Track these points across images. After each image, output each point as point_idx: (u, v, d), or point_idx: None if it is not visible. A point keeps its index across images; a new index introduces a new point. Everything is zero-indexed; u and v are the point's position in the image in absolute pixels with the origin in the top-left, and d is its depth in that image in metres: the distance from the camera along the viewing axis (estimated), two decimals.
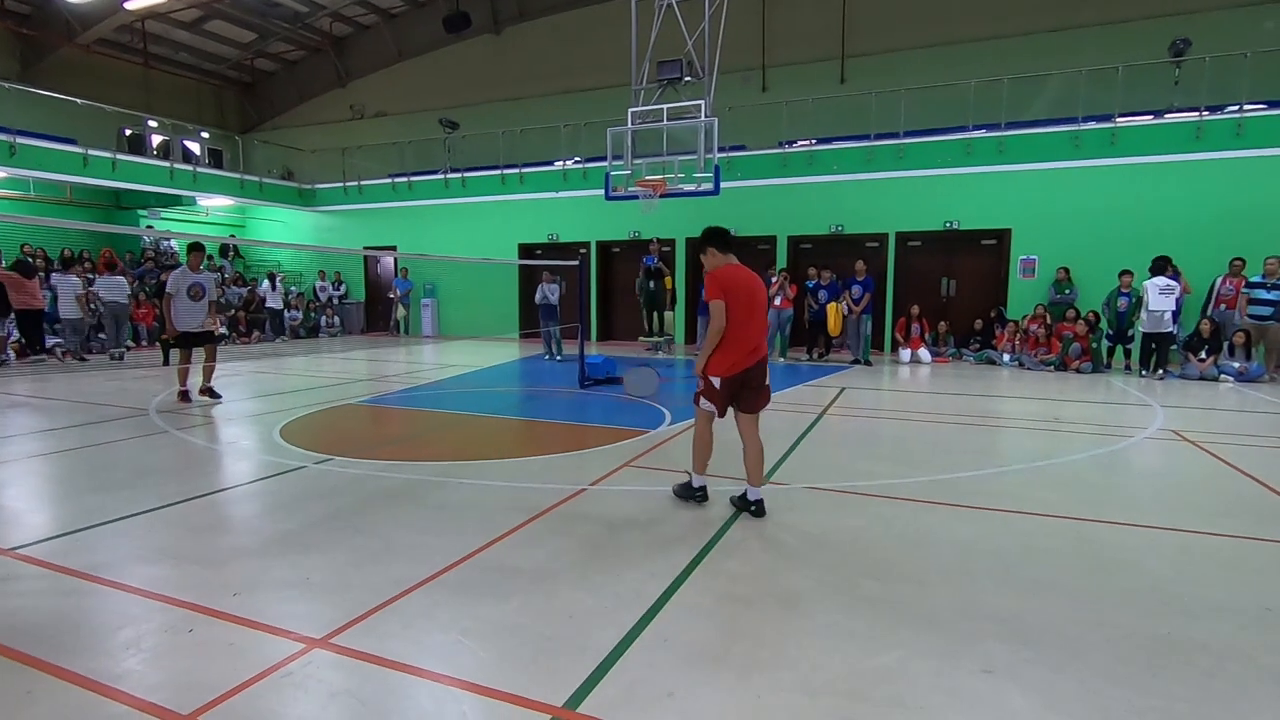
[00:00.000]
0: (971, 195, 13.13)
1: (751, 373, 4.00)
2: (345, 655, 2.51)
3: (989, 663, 2.48)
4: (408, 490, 4.56)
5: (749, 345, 3.97)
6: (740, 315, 3.92)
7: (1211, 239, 11.25)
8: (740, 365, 3.97)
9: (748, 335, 3.96)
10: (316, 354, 13.90)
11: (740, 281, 3.98)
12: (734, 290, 3.92)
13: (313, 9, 19.43)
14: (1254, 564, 3.42)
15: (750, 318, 3.96)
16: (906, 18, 15.48)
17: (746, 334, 3.96)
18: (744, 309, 3.93)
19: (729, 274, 3.99)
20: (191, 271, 7.69)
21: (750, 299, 3.97)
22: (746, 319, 3.94)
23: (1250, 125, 11.40)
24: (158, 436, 6.17)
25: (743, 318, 3.93)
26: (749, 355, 3.98)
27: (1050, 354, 11.13)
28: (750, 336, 3.97)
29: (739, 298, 3.92)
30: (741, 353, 3.96)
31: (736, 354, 3.96)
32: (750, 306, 3.97)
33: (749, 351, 3.97)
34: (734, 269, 4.04)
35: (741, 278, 4.00)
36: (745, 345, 3.96)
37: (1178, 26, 12.77)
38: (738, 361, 3.96)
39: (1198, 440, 6.04)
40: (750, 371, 3.99)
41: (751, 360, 3.98)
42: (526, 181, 16.90)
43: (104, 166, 14.97)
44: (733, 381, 3.99)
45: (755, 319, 4.00)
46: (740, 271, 4.04)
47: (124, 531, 3.79)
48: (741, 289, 3.95)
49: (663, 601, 2.94)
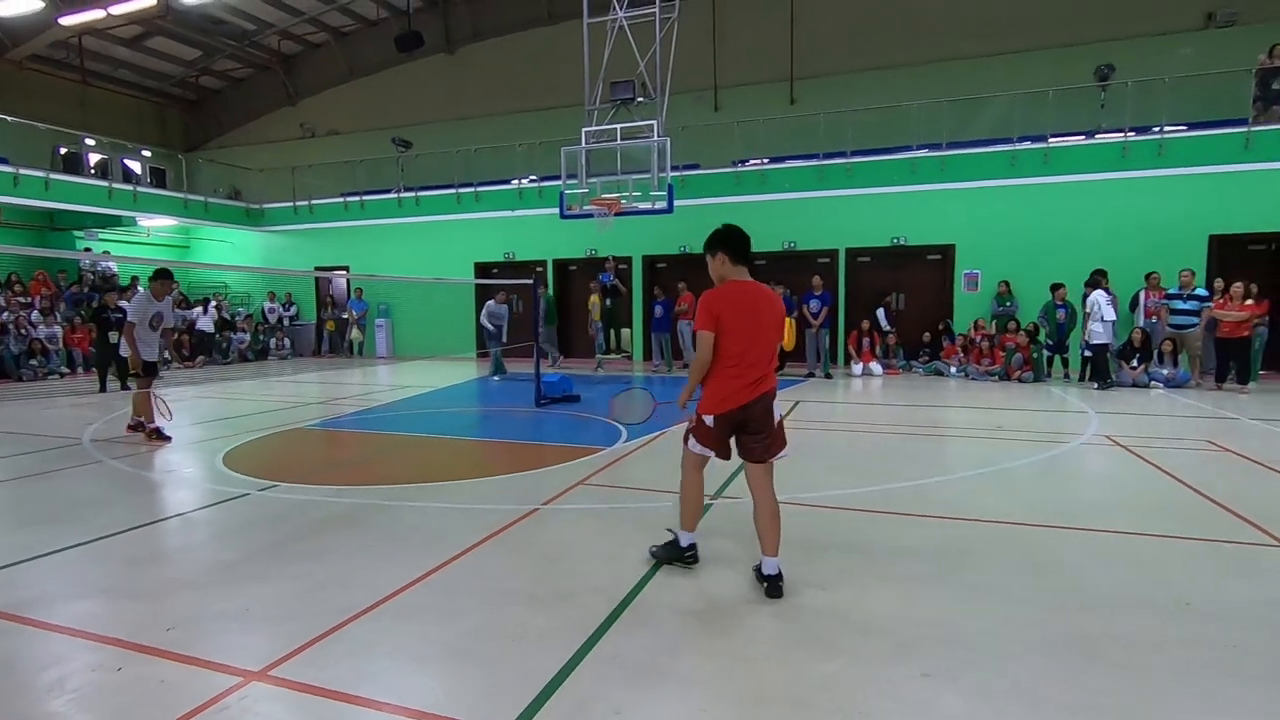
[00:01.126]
0: (917, 212, 13.58)
1: (752, 410, 3.23)
2: (285, 687, 2.45)
3: (928, 666, 2.55)
4: (356, 515, 4.47)
5: (748, 376, 3.21)
6: (738, 344, 3.19)
7: (1136, 252, 11.85)
8: (735, 400, 3.21)
9: (747, 363, 3.21)
10: (265, 377, 13.53)
11: (741, 302, 3.23)
12: (731, 313, 3.20)
13: (260, 27, 19.14)
14: (1176, 561, 3.60)
15: (752, 343, 3.20)
16: (852, 42, 16.03)
17: (745, 361, 3.20)
18: (743, 334, 3.19)
19: (728, 295, 3.24)
20: (154, 299, 7.19)
21: (753, 320, 3.21)
22: (747, 346, 3.19)
23: (1170, 146, 12.09)
24: (92, 466, 5.92)
25: (741, 345, 3.19)
26: (748, 388, 3.21)
27: (994, 365, 11.53)
28: (751, 364, 3.21)
29: (738, 320, 3.19)
30: (738, 384, 3.21)
31: (731, 385, 3.21)
32: (753, 330, 3.21)
33: (748, 383, 3.21)
34: (736, 287, 3.27)
35: (744, 296, 3.25)
36: (743, 375, 3.20)
37: (1103, 53, 13.50)
38: (731, 395, 3.21)
39: (1129, 445, 6.33)
40: (750, 408, 3.23)
41: (751, 394, 3.21)
42: (482, 200, 16.84)
43: (36, 186, 14.39)
44: (728, 420, 3.26)
45: (759, 344, 3.22)
46: (745, 289, 3.27)
47: (53, 567, 3.63)
48: (742, 311, 3.21)
49: (612, 619, 2.95)
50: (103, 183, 15.85)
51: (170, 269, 7.47)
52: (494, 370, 12.41)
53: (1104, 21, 14.38)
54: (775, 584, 3.19)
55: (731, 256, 3.31)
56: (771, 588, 3.18)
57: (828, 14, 16.21)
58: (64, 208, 15.46)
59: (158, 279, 7.22)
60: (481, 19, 19.03)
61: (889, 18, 15.84)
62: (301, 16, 18.89)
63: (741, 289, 3.27)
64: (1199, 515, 4.32)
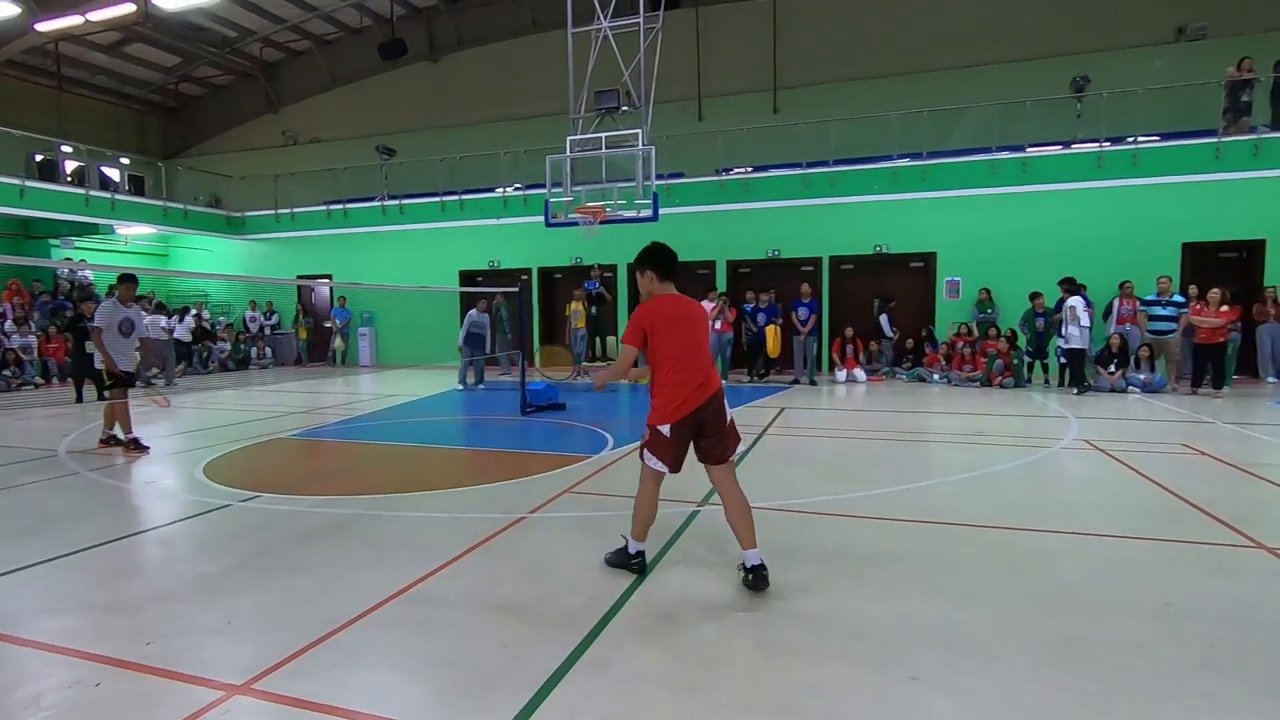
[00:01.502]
0: (899, 221, 13.74)
1: (706, 411, 3.32)
2: (268, 700, 2.41)
3: (916, 669, 2.57)
4: (340, 526, 4.42)
5: (695, 378, 3.32)
6: (675, 347, 3.33)
7: (1111, 259, 12.08)
8: (691, 403, 3.29)
9: (693, 367, 3.33)
10: (246, 386, 13.36)
11: (670, 313, 3.39)
12: (661, 324, 3.35)
13: (242, 34, 19.01)
14: (1155, 563, 3.65)
15: (689, 348, 3.35)
16: (834, 52, 16.26)
17: (689, 365, 3.33)
18: (679, 338, 3.34)
19: (656, 307, 3.41)
20: (121, 305, 7.04)
21: (686, 326, 3.38)
22: (683, 350, 3.33)
23: (1144, 155, 12.36)
24: (68, 478, 5.80)
25: (677, 349, 3.33)
26: (698, 390, 3.31)
27: (976, 371, 11.66)
28: (697, 367, 3.34)
29: (672, 328, 3.35)
30: (689, 388, 3.30)
31: (683, 391, 3.29)
32: (687, 335, 3.37)
33: (698, 385, 3.31)
34: (665, 300, 3.45)
35: (672, 307, 3.42)
36: (691, 379, 3.31)
37: (1078, 64, 13.80)
38: (687, 399, 3.29)
39: (1107, 449, 6.43)
40: (704, 409, 3.31)
41: (703, 396, 3.31)
42: (466, 208, 16.81)
43: (10, 193, 14.15)
44: (685, 426, 3.32)
45: (694, 348, 3.37)
46: (673, 300, 3.46)
47: (27, 581, 3.55)
48: (675, 320, 3.37)
49: (601, 626, 2.94)
50: (79, 190, 15.61)
51: (134, 274, 7.39)
52: (477, 379, 12.36)
53: (1079, 34, 14.71)
54: (759, 573, 3.24)
55: (658, 274, 3.51)
56: (755, 578, 3.23)
57: (810, 25, 16.43)
58: (39, 215, 15.22)
59: (122, 283, 7.15)
60: (465, 27, 19.06)
61: (871, 30, 16.09)
62: (284, 24, 18.79)
63: (670, 300, 3.46)
64: (1177, 517, 4.39)
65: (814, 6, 16.45)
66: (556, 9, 14.87)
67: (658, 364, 3.37)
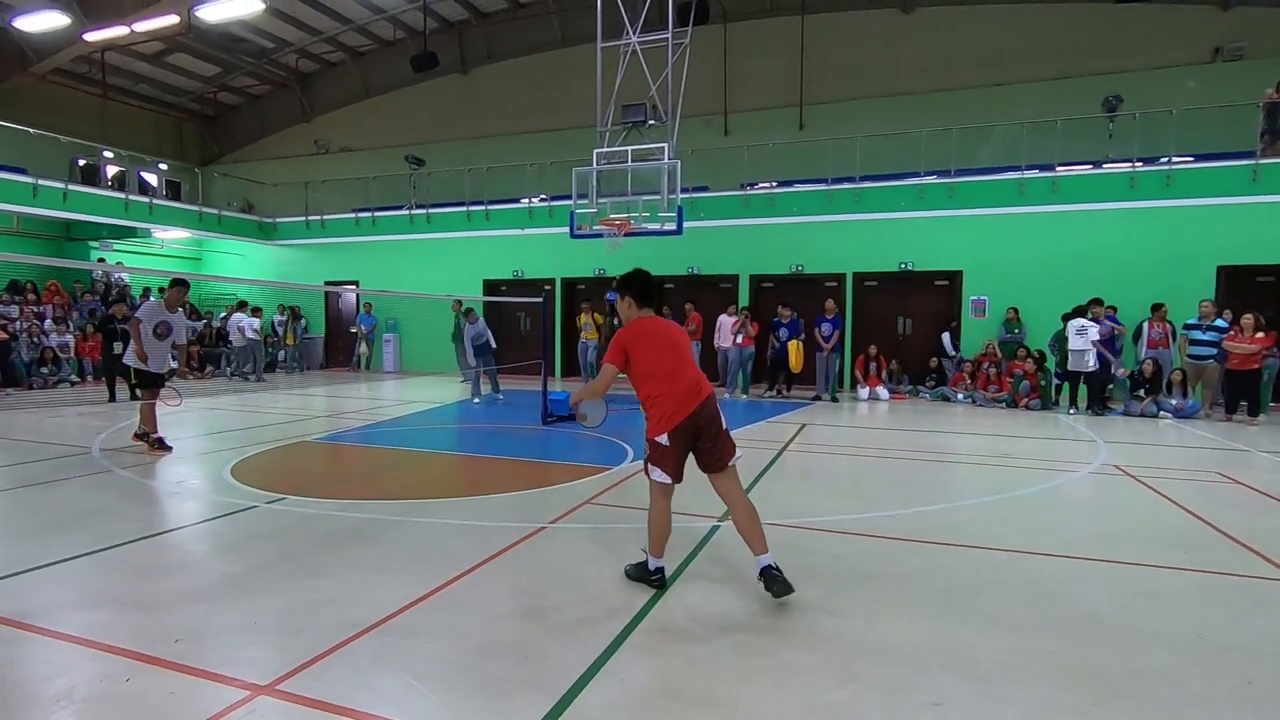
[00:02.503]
0: (925, 238, 13.63)
1: (700, 416, 3.37)
2: (292, 702, 2.44)
3: (938, 695, 2.53)
4: (363, 530, 4.47)
5: (683, 385, 3.38)
6: (658, 362, 3.41)
7: (1144, 282, 11.86)
8: (684, 409, 3.34)
9: (679, 375, 3.40)
10: (274, 390, 13.58)
11: (650, 331, 3.50)
12: (642, 341, 3.46)
13: (279, 45, 19.50)
14: (1188, 593, 3.56)
15: (672, 360, 3.44)
16: (861, 70, 16.24)
17: (675, 374, 3.40)
18: (662, 353, 3.43)
19: (637, 328, 3.52)
20: (165, 308, 7.07)
21: (667, 341, 3.49)
22: (667, 363, 3.42)
23: (1178, 176, 12.14)
24: (101, 476, 5.94)
25: (661, 363, 3.41)
26: (690, 395, 3.37)
27: (1001, 391, 11.49)
28: (683, 376, 3.41)
29: (653, 344, 3.45)
30: (678, 395, 3.36)
31: (673, 399, 3.35)
32: (669, 349, 3.46)
33: (686, 391, 3.37)
34: (644, 321, 3.56)
35: (651, 326, 3.54)
36: (678, 386, 3.37)
37: (1110, 84, 13.63)
38: (679, 406, 3.34)
39: (1138, 475, 6.29)
40: (698, 415, 3.36)
41: (694, 401, 3.37)
42: (492, 218, 17.00)
43: (55, 197, 14.60)
44: (682, 433, 3.36)
45: (678, 360, 3.45)
46: (651, 322, 3.57)
47: (60, 576, 3.64)
48: (655, 336, 3.48)
49: (620, 640, 2.94)
50: (119, 194, 16.07)
51: (186, 279, 7.48)
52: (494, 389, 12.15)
53: (1111, 54, 14.55)
54: (770, 574, 3.23)
55: (637, 300, 3.62)
56: (769, 580, 3.22)
57: (838, 42, 16.44)
58: (81, 218, 15.67)
59: (172, 286, 7.16)
60: (495, 41, 19.36)
61: (899, 47, 16.06)
62: (320, 36, 19.24)
63: (649, 321, 3.58)
64: (1210, 548, 4.28)
65: (842, 23, 16.47)
66: (586, 24, 15.09)
67: (643, 379, 3.44)
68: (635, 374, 3.47)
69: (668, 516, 3.48)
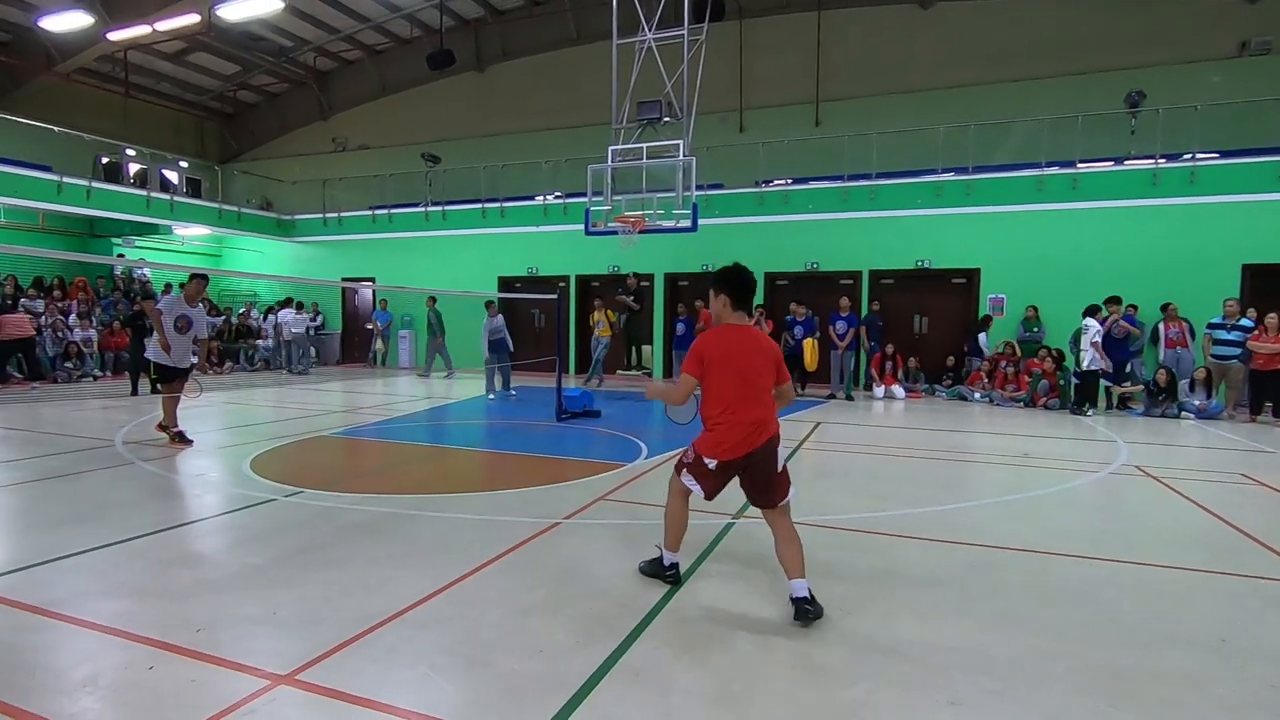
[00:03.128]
0: (942, 235, 13.51)
1: (755, 456, 3.14)
2: (311, 692, 2.47)
3: (955, 695, 2.51)
4: (379, 523, 4.51)
5: (748, 420, 3.13)
6: (729, 388, 3.16)
7: (1166, 280, 11.67)
8: (742, 449, 3.14)
9: (745, 409, 3.14)
10: (290, 385, 13.73)
11: (731, 349, 3.20)
12: (720, 358, 3.18)
13: (297, 44, 19.67)
14: (1210, 596, 3.51)
15: (744, 389, 3.15)
16: (878, 66, 16.09)
17: (741, 407, 3.14)
18: (735, 378, 3.15)
19: (718, 340, 3.24)
20: (185, 302, 7.10)
21: (743, 363, 3.18)
22: (737, 392, 3.15)
23: (1202, 173, 11.94)
24: (123, 468, 6.04)
25: (731, 390, 3.15)
26: (751, 434, 3.13)
27: (1019, 391, 11.37)
28: (750, 410, 3.14)
29: (729, 365, 3.17)
30: (740, 432, 3.13)
31: (734, 434, 3.14)
32: (743, 376, 3.16)
33: (750, 429, 3.13)
34: (729, 332, 3.27)
35: (736, 342, 3.23)
36: (742, 422, 3.13)
37: (1132, 79, 13.40)
38: (740, 443, 3.13)
39: (1159, 475, 6.20)
40: (754, 455, 3.14)
41: (758, 440, 3.13)
42: (507, 215, 17.06)
43: (78, 194, 14.84)
44: (730, 469, 3.20)
45: (750, 390, 3.17)
46: (736, 335, 3.26)
47: (84, 566, 3.70)
48: (733, 357, 3.18)
49: (635, 635, 2.95)
50: (141, 192, 16.31)
51: (205, 273, 7.55)
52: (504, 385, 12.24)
53: (1134, 49, 14.30)
54: (803, 606, 3.04)
55: (733, 301, 3.32)
56: (799, 611, 3.04)
57: (854, 38, 16.30)
58: (104, 215, 15.93)
59: (191, 280, 7.23)
60: (511, 38, 19.40)
61: (916, 43, 15.89)
62: (338, 34, 19.39)
63: (734, 333, 3.28)
64: (1234, 550, 4.21)
65: (858, 19, 16.33)
66: (601, 21, 15.09)
67: (710, 398, 3.23)
68: (705, 388, 3.25)
69: (685, 514, 3.44)
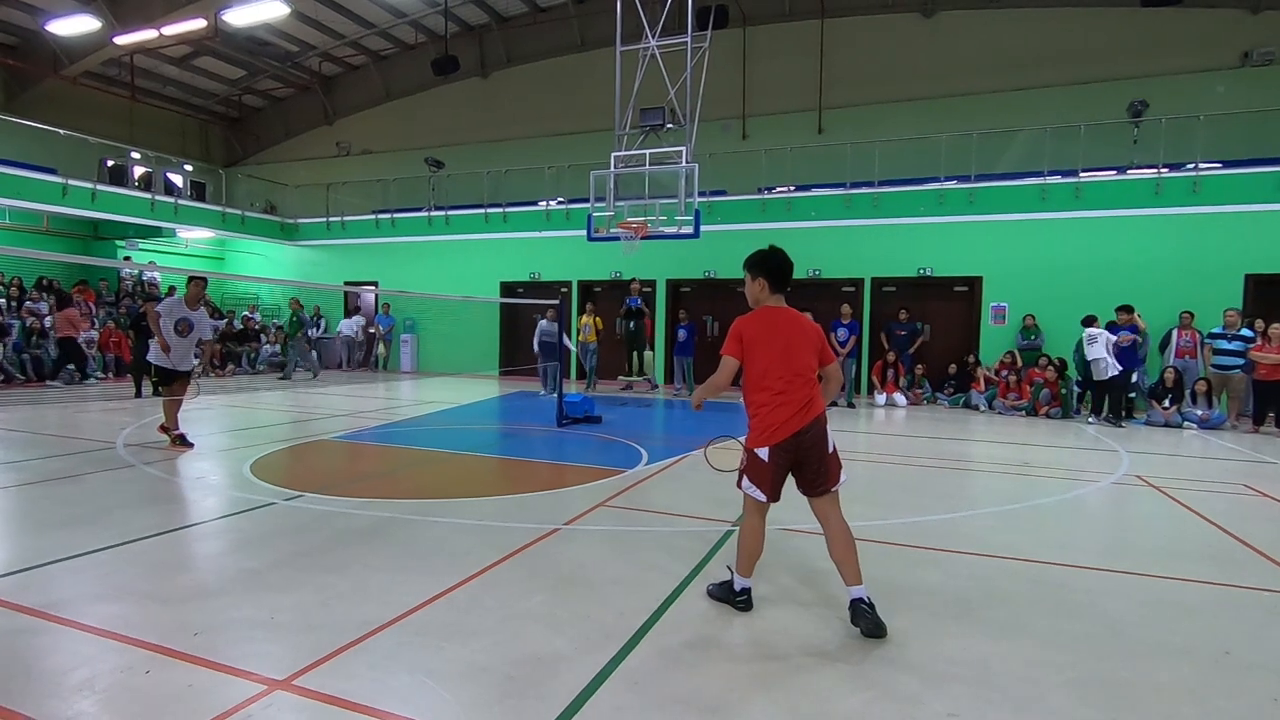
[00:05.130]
0: (944, 243, 13.51)
1: (806, 436, 3.07)
2: (308, 697, 2.46)
3: (954, 706, 2.50)
4: (379, 528, 4.50)
5: (795, 398, 3.05)
6: (773, 364, 3.09)
7: (1169, 289, 11.67)
8: (791, 426, 3.05)
9: (792, 385, 3.07)
10: (292, 389, 13.74)
11: (772, 325, 3.15)
12: (762, 336, 3.13)
13: (303, 49, 19.78)
14: (1213, 607, 3.49)
15: (789, 365, 3.08)
16: (881, 74, 16.15)
17: (788, 383, 3.07)
18: (778, 354, 3.09)
19: (758, 319, 3.18)
20: (185, 304, 7.13)
21: (786, 340, 3.12)
22: (782, 368, 3.08)
23: (1205, 183, 11.94)
24: (123, 471, 6.04)
25: (776, 366, 3.08)
26: (800, 412, 3.05)
27: (1021, 399, 11.35)
28: (797, 386, 3.07)
29: (771, 342, 3.11)
30: (790, 409, 3.05)
31: (783, 411, 3.05)
32: (787, 351, 3.10)
33: (798, 407, 3.05)
34: (768, 312, 3.21)
35: (775, 319, 3.18)
36: (792, 399, 3.05)
37: (1135, 89, 13.44)
38: (787, 421, 3.05)
39: (1161, 485, 6.18)
40: (805, 434, 3.06)
41: (806, 418, 3.06)
42: (510, 220, 17.10)
43: (83, 197, 14.91)
44: (784, 451, 3.07)
45: (796, 366, 3.09)
46: (776, 314, 3.20)
47: (82, 568, 3.70)
48: (775, 333, 3.13)
49: (633, 643, 2.93)
50: (146, 195, 16.39)
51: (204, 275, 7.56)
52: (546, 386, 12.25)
53: (1137, 58, 14.33)
54: (862, 609, 2.98)
55: (771, 284, 3.24)
56: (858, 615, 2.99)
57: (857, 46, 16.36)
58: (108, 218, 15.99)
59: (190, 283, 7.26)
60: (515, 45, 19.50)
61: (919, 51, 15.94)
62: (343, 40, 19.50)
63: (774, 312, 3.21)
64: (1236, 561, 4.19)
65: (862, 27, 16.39)
66: (605, 28, 15.16)
67: (752, 382, 3.14)
68: (747, 371, 3.15)
69: (760, 534, 3.23)
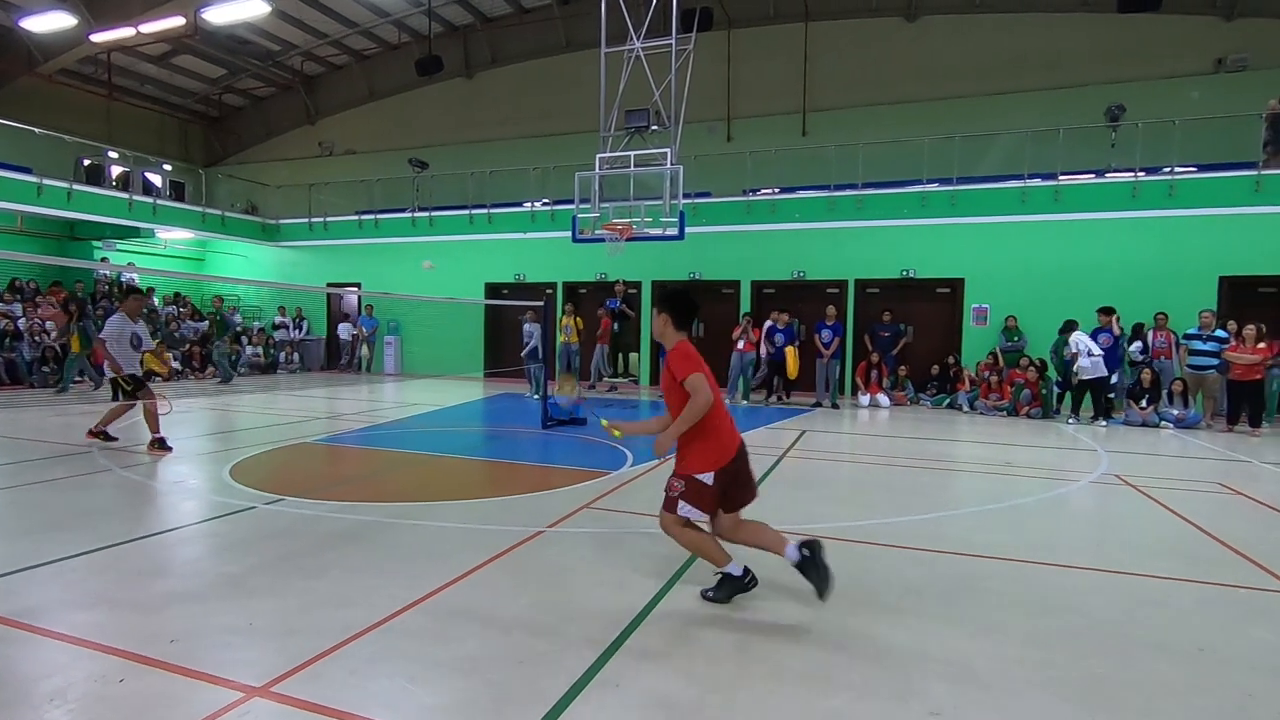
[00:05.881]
0: (927, 245, 13.64)
1: (740, 459, 3.32)
2: (286, 704, 2.43)
3: (936, 704, 2.52)
4: (361, 532, 4.46)
5: (729, 421, 3.35)
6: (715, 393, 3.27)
7: (1146, 291, 11.85)
8: (730, 450, 3.28)
9: (724, 410, 3.35)
10: (274, 391, 13.59)
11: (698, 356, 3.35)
12: (702, 365, 3.29)
13: (285, 48, 19.58)
14: (1189, 604, 3.55)
15: (715, 390, 3.29)
16: (864, 77, 16.27)
17: (723, 409, 3.34)
18: (714, 385, 3.30)
19: (691, 348, 3.36)
20: (129, 319, 7.14)
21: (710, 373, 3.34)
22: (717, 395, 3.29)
23: (1181, 186, 12.15)
24: (100, 475, 5.94)
25: (716, 396, 3.28)
26: (734, 432, 3.34)
27: (1002, 400, 11.48)
28: (726, 411, 3.37)
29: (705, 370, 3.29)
30: (728, 434, 3.31)
31: (725, 438, 3.29)
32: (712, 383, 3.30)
33: (732, 428, 3.35)
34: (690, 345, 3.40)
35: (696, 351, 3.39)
36: (727, 422, 3.33)
37: (1113, 93, 13.65)
38: (729, 445, 3.29)
39: (1139, 485, 6.27)
40: (739, 455, 3.32)
41: (738, 439, 3.35)
42: (495, 222, 17.02)
43: (59, 196, 14.63)
44: (726, 475, 3.26)
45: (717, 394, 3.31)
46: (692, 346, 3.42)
47: (56, 575, 3.63)
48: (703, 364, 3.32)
49: (616, 646, 2.92)
50: (123, 195, 16.11)
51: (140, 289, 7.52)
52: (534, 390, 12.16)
53: (1114, 64, 14.56)
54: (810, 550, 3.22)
55: (676, 321, 3.42)
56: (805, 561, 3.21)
57: (841, 50, 16.48)
58: (85, 218, 15.70)
59: (130, 297, 7.26)
60: (500, 45, 19.43)
61: (902, 55, 16.09)
62: (325, 39, 19.32)
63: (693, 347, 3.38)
64: (1211, 559, 4.26)
65: (845, 31, 16.51)
66: (590, 29, 15.13)
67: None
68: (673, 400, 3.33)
69: (704, 532, 3.39)
